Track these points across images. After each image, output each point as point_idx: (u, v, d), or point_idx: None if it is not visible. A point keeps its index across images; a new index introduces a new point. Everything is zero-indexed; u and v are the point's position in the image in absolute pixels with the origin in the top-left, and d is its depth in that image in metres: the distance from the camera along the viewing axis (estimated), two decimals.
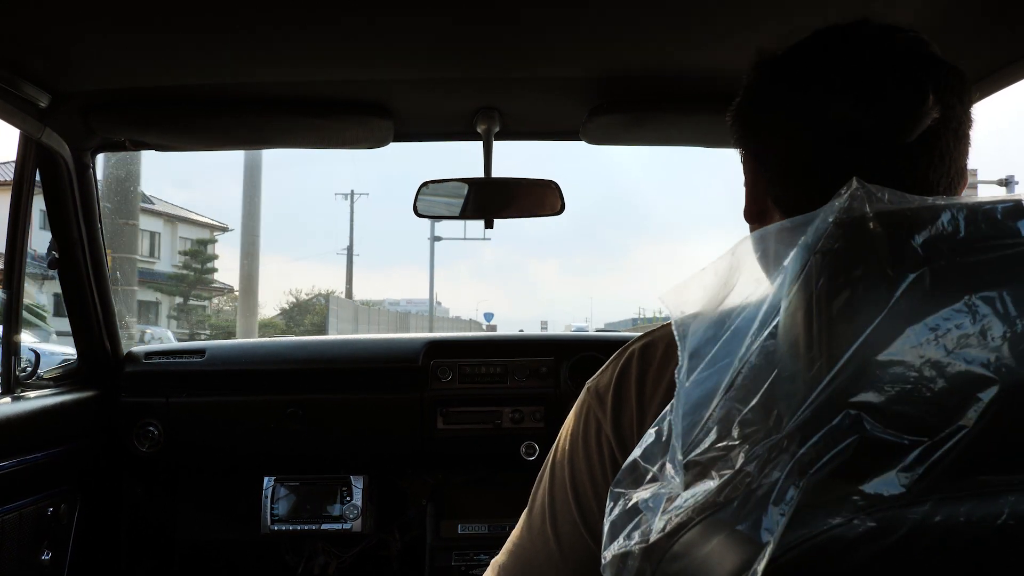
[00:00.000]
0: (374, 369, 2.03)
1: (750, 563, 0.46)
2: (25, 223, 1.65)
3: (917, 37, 0.67)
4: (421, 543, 2.12)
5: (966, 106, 0.66)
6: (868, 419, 0.47)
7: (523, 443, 1.95)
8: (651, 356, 0.72)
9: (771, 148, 0.71)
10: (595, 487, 0.71)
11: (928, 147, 0.64)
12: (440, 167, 2.71)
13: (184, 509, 2.19)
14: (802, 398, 0.48)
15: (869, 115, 0.63)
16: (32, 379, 1.73)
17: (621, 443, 0.70)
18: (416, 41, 1.30)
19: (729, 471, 0.50)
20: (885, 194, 0.52)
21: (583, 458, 0.73)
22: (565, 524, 0.73)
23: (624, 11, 1.18)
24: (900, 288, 0.48)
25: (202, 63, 1.38)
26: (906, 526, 0.45)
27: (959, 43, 1.16)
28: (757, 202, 0.74)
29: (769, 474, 0.48)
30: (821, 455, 0.47)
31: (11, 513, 1.50)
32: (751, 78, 0.73)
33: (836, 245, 0.51)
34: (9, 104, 1.43)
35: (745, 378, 0.51)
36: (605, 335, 2.52)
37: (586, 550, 0.70)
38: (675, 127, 1.65)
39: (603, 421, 0.72)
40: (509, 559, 0.78)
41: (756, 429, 0.50)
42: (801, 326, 0.51)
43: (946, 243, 0.50)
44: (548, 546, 0.74)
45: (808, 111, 0.66)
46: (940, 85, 0.63)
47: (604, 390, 0.74)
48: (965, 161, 0.67)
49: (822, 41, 0.69)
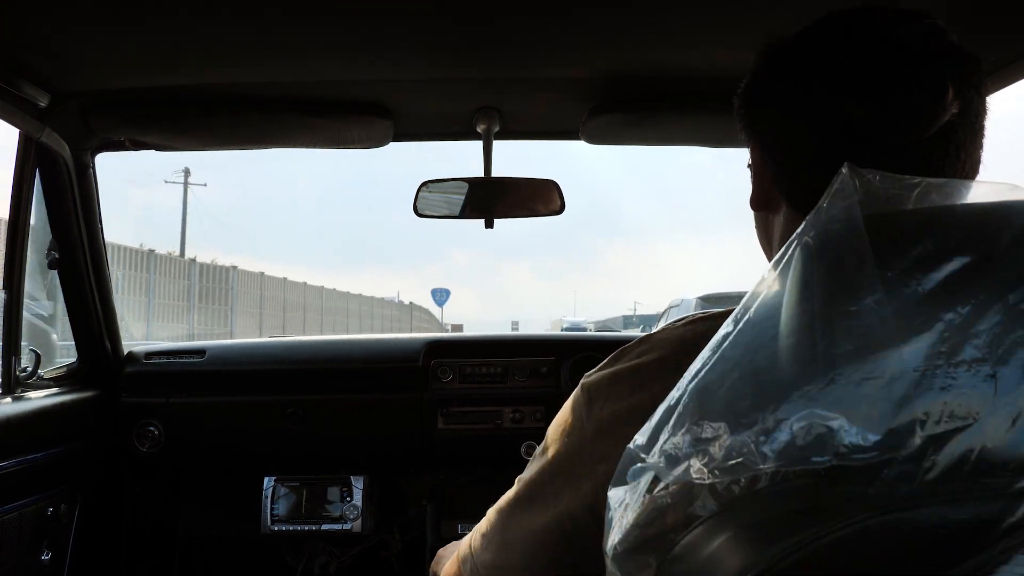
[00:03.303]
0: (374, 369, 2.03)
1: (753, 565, 0.46)
2: (25, 223, 1.65)
3: (933, 25, 0.63)
4: (421, 543, 2.12)
5: (983, 97, 0.64)
6: (868, 418, 0.47)
7: (523, 443, 1.95)
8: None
9: (776, 141, 0.69)
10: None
11: (944, 142, 0.61)
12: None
13: (184, 509, 2.19)
14: (799, 395, 0.48)
15: (879, 111, 0.61)
16: (32, 379, 1.73)
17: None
18: (416, 41, 1.30)
19: (719, 463, 0.50)
20: (876, 177, 0.51)
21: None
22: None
23: (624, 11, 1.18)
24: (893, 290, 0.48)
25: (202, 63, 1.38)
26: (908, 528, 0.45)
27: (966, 36, 1.15)
28: (764, 191, 0.72)
29: (764, 470, 0.48)
30: (819, 454, 0.47)
31: (11, 513, 1.50)
32: (757, 63, 0.70)
33: (829, 249, 0.51)
34: (9, 104, 1.42)
35: (744, 374, 0.51)
36: (605, 335, 2.52)
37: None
38: (675, 127, 1.65)
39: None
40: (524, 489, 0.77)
41: (749, 423, 0.50)
42: (799, 325, 0.51)
43: (933, 247, 0.50)
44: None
45: (814, 106, 0.64)
46: (959, 79, 0.60)
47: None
48: (980, 153, 0.65)
49: (830, 28, 0.66)
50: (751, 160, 0.74)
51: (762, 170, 0.71)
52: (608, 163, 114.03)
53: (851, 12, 0.65)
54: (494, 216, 1.72)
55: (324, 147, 1.79)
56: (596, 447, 0.70)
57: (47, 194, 1.74)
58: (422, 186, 1.72)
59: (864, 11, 0.65)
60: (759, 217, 0.75)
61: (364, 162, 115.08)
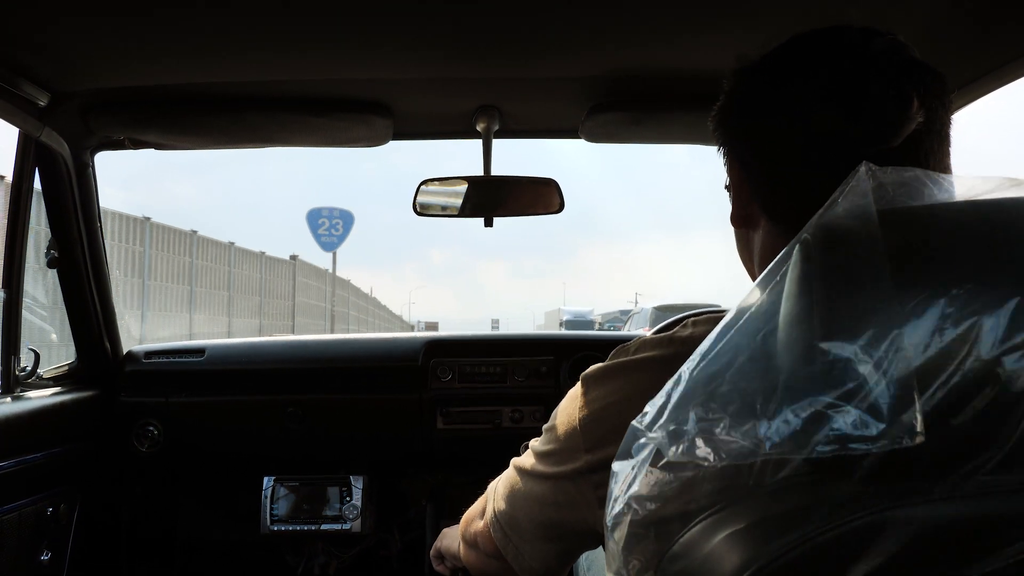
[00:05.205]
0: (374, 369, 2.03)
1: (750, 563, 0.46)
2: (25, 223, 1.65)
3: (896, 41, 0.67)
4: (421, 543, 2.12)
5: (947, 108, 0.67)
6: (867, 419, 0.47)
7: (523, 443, 1.94)
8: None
9: (754, 154, 0.72)
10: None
11: (913, 150, 0.65)
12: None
13: (183, 509, 2.19)
14: (804, 383, 0.48)
15: (853, 122, 0.64)
16: (32, 379, 1.73)
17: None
18: (416, 40, 1.30)
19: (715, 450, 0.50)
20: (888, 171, 0.52)
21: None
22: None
23: (624, 10, 1.18)
24: (901, 282, 0.48)
25: (201, 62, 1.38)
26: (905, 525, 0.45)
27: (939, 51, 1.18)
28: (744, 207, 0.74)
29: (769, 456, 0.49)
30: (822, 442, 0.47)
31: (11, 513, 1.50)
32: (732, 83, 0.73)
33: (836, 245, 0.51)
34: (8, 103, 1.42)
35: (749, 360, 0.52)
36: (604, 335, 2.52)
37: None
38: (675, 125, 1.65)
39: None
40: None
41: (754, 408, 0.50)
42: (805, 314, 0.51)
43: (944, 242, 0.50)
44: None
45: (789, 119, 0.67)
46: (923, 90, 0.64)
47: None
48: (948, 160, 0.68)
49: (800, 47, 0.69)
50: (729, 179, 0.77)
51: (740, 186, 0.74)
52: (587, 162, 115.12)
53: (822, 29, 0.69)
54: (494, 215, 1.71)
55: (323, 146, 1.79)
56: (587, 435, 0.75)
57: (46, 193, 1.74)
58: (422, 185, 1.72)
59: (834, 28, 0.69)
60: (739, 234, 0.78)
61: (338, 160, 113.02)
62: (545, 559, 0.84)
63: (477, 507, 0.99)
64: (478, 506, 0.99)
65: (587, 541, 0.82)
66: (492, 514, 0.90)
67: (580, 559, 1.47)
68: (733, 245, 0.81)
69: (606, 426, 0.73)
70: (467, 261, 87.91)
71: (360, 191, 75.31)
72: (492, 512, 0.90)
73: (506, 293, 79.21)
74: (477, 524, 0.95)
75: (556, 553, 0.84)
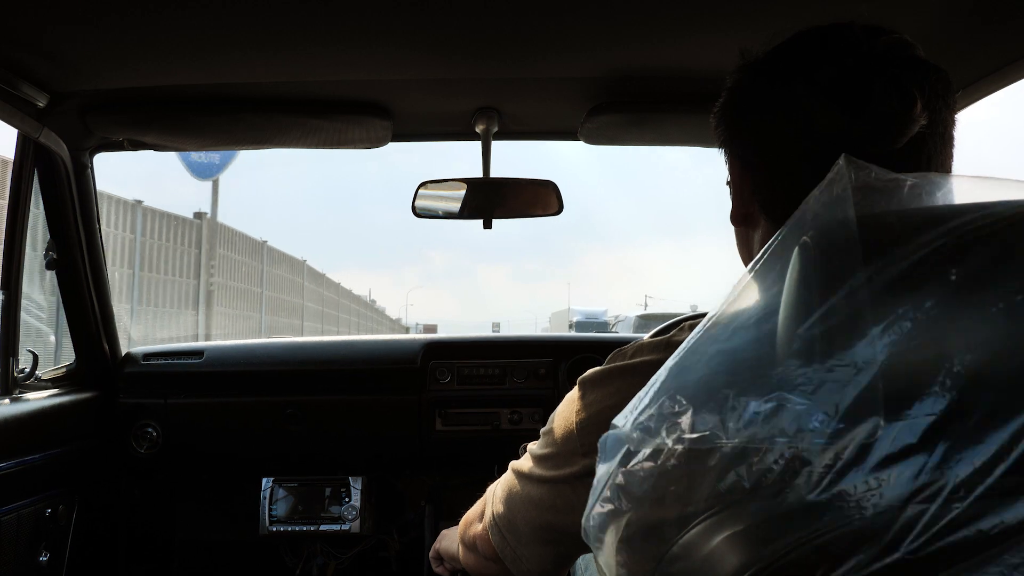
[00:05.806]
0: (373, 370, 2.03)
1: (750, 564, 0.46)
2: (24, 223, 1.65)
3: (901, 39, 0.66)
4: (420, 544, 2.11)
5: (951, 109, 0.66)
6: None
7: (521, 445, 1.94)
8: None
9: (755, 151, 0.71)
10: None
11: (916, 152, 0.64)
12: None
13: (182, 510, 2.19)
14: (770, 377, 0.49)
15: (855, 121, 0.63)
16: (30, 380, 1.73)
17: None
18: (415, 41, 1.29)
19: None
20: (872, 171, 0.52)
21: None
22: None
23: (623, 11, 1.18)
24: (874, 282, 0.49)
25: (200, 63, 1.38)
26: (907, 526, 0.45)
27: (944, 50, 1.17)
28: (744, 205, 0.74)
29: (727, 444, 0.49)
30: (782, 435, 0.47)
31: (9, 514, 1.50)
32: (734, 79, 0.73)
33: (815, 237, 0.51)
34: (7, 104, 1.42)
35: (719, 353, 0.52)
36: (603, 336, 2.51)
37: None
38: (674, 127, 1.65)
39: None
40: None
41: (719, 399, 0.50)
42: (776, 311, 0.51)
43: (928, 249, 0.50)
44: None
45: (791, 116, 0.66)
46: (927, 91, 0.63)
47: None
48: (951, 162, 0.67)
49: (804, 44, 0.68)
50: (729, 177, 0.76)
51: (741, 184, 0.74)
52: (588, 166, 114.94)
53: (826, 26, 0.68)
54: (493, 217, 1.71)
55: (322, 147, 1.79)
56: (584, 439, 0.75)
57: (45, 194, 1.73)
58: (420, 186, 1.72)
59: (837, 25, 0.68)
60: (739, 233, 0.78)
61: (339, 163, 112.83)
62: (542, 562, 0.84)
63: (476, 510, 0.99)
64: (477, 509, 0.99)
65: (584, 545, 0.82)
66: (490, 517, 0.90)
67: (578, 562, 1.46)
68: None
69: (602, 430, 0.73)
70: (467, 264, 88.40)
71: (360, 191, 74.80)
72: (490, 515, 0.90)
73: (507, 296, 79.46)
74: (476, 527, 0.95)
75: (553, 556, 0.84)
